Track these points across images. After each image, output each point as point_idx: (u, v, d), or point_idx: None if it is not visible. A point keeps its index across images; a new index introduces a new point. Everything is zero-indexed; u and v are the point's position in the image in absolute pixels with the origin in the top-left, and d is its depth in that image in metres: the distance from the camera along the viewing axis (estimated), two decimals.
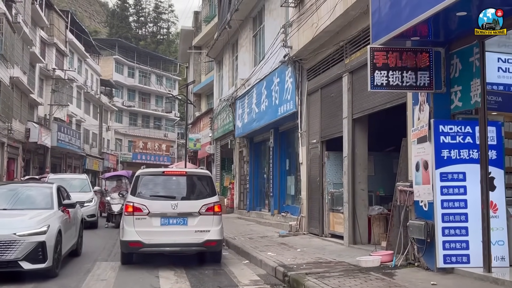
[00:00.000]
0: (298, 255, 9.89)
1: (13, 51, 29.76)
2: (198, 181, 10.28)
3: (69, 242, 9.73)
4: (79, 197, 16.42)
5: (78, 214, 11.07)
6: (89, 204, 16.85)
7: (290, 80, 14.42)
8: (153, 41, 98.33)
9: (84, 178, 19.08)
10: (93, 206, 17.23)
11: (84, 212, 16.27)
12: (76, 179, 19.25)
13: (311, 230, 13.23)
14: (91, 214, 16.78)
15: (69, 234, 9.70)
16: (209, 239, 9.47)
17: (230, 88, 23.17)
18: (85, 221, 16.52)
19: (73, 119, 49.89)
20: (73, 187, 17.72)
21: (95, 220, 17.21)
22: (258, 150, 20.72)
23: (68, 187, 17.51)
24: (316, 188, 12.96)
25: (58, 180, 18.20)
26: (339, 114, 11.64)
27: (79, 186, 18.15)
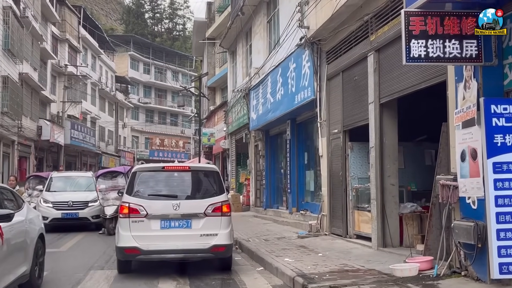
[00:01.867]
0: (319, 261, 8.57)
1: (22, 47, 28.88)
2: (204, 177, 8.98)
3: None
4: (83, 196, 15.98)
5: (30, 228, 7.22)
6: (94, 204, 15.56)
7: (307, 65, 13.07)
8: (169, 37, 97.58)
9: (89, 176, 17.66)
10: (98, 206, 15.59)
11: (88, 213, 15.29)
12: (81, 177, 17.97)
13: (334, 231, 11.90)
14: (96, 215, 15.55)
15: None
16: (217, 244, 8.21)
17: (244, 79, 21.89)
18: (90, 222, 15.46)
19: (88, 116, 49.12)
20: (77, 185, 16.98)
21: (100, 221, 15.74)
22: (274, 143, 19.40)
23: (73, 186, 16.39)
24: (338, 183, 11.61)
25: (61, 179, 17.22)
26: (364, 100, 10.27)
27: (84, 184, 16.94)
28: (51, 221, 14.79)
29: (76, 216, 15.26)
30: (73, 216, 15.17)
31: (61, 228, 15.19)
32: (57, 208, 15.26)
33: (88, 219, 15.53)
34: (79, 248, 11.62)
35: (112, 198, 14.56)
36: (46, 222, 14.88)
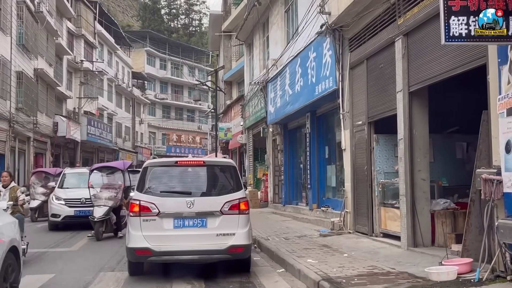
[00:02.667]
0: (345, 263, 7.92)
1: (36, 42, 28.57)
2: (220, 172, 8.36)
3: None
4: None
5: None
6: None
7: (328, 53, 12.37)
8: (185, 33, 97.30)
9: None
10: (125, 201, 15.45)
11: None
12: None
13: (358, 228, 11.21)
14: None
15: None
16: (235, 245, 7.60)
17: (261, 72, 21.23)
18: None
19: (105, 112, 48.90)
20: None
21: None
22: (293, 137, 18.73)
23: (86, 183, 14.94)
24: (363, 178, 10.92)
25: (74, 175, 16.72)
26: (390, 88, 9.56)
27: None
28: (63, 219, 14.33)
29: (89, 214, 14.33)
30: (86, 213, 14.22)
31: (73, 226, 14.73)
32: (70, 205, 14.69)
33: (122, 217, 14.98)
34: (91, 248, 11.13)
35: (104, 197, 12.82)
36: (59, 220, 14.55)
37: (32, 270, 8.62)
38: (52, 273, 8.20)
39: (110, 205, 12.63)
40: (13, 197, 9.39)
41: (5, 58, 23.93)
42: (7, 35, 24.37)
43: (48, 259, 9.80)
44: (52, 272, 8.28)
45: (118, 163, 14.92)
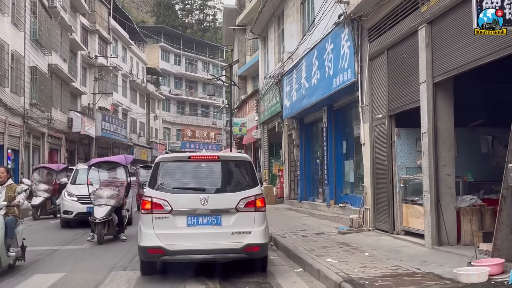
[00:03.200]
0: (367, 262, 7.53)
1: (50, 37, 28.46)
2: (235, 168, 8.01)
3: None
4: None
5: None
6: None
7: (346, 45, 11.95)
8: (200, 28, 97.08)
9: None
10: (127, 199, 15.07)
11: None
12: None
13: (378, 226, 10.80)
14: (125, 209, 14.65)
15: None
16: (251, 243, 7.25)
17: (276, 65, 20.83)
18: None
19: (119, 108, 48.84)
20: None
21: (128, 216, 14.92)
22: (309, 132, 18.32)
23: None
24: (383, 173, 10.51)
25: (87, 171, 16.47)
26: (413, 80, 9.13)
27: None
28: (75, 216, 13.95)
29: None
30: None
31: (86, 223, 14.45)
32: (82, 202, 13.99)
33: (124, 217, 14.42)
34: (103, 245, 10.86)
35: (105, 196, 11.49)
36: (71, 216, 14.09)
37: (42, 269, 8.39)
38: (62, 272, 7.95)
39: (112, 204, 11.39)
40: (9, 196, 8.16)
41: (18, 54, 23.82)
42: (20, 30, 24.26)
43: (59, 257, 9.57)
44: (62, 271, 8.03)
45: (119, 158, 13.39)
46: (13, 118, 23.09)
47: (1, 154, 22.01)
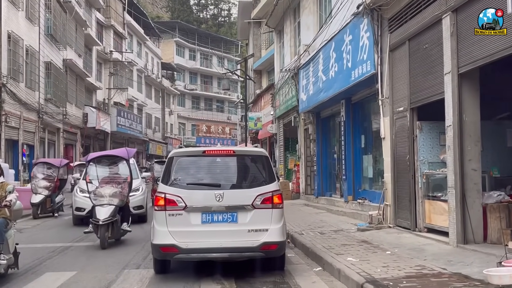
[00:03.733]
0: (389, 261, 7.20)
1: (65, 32, 28.43)
2: (251, 163, 7.70)
3: None
4: None
5: None
6: (135, 194, 13.60)
7: (366, 35, 11.56)
8: (214, 23, 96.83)
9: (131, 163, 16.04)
10: (140, 196, 14.17)
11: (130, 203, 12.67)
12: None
13: (399, 223, 10.44)
14: (138, 205, 13.88)
15: None
16: (268, 242, 6.96)
17: (292, 59, 20.48)
18: (131, 214, 12.58)
19: (134, 103, 48.87)
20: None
21: (143, 213, 14.21)
22: (326, 126, 17.96)
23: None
24: (404, 168, 10.13)
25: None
26: (436, 71, 8.74)
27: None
28: (88, 213, 12.92)
29: None
30: None
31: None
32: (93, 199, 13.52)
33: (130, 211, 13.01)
34: (116, 242, 10.63)
35: (108, 194, 10.30)
36: (83, 213, 13.37)
37: (53, 267, 8.18)
38: (73, 271, 7.73)
39: (116, 203, 10.16)
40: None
41: (33, 48, 23.78)
42: (35, 25, 24.21)
43: (71, 255, 9.36)
44: (74, 270, 7.81)
45: (121, 151, 12.05)
46: (28, 113, 23.07)
47: (16, 149, 22.00)
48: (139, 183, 14.63)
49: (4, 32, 20.37)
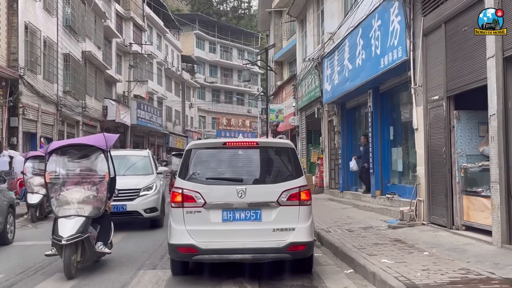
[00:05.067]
0: (429, 264, 6.52)
1: (84, 24, 28.08)
2: (276, 155, 7.05)
3: None
4: (133, 183, 11.67)
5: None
6: (147, 193, 11.65)
7: (396, 20, 10.82)
8: (234, 16, 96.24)
9: (145, 156, 13.49)
10: (153, 196, 11.77)
11: (140, 205, 11.44)
12: (134, 156, 13.54)
13: (434, 220, 9.73)
14: (151, 207, 11.60)
15: None
16: (295, 242, 6.34)
17: (315, 48, 19.77)
18: (142, 218, 11.54)
19: (154, 96, 48.56)
20: (129, 168, 12.64)
21: (157, 216, 11.83)
22: (352, 117, 17.24)
23: (122, 169, 11.90)
24: (440, 162, 9.41)
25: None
26: (478, 55, 7.99)
27: (139, 167, 12.84)
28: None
29: (123, 210, 11.20)
30: (118, 209, 10.95)
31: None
32: None
33: (140, 214, 11.43)
34: (133, 239, 10.13)
35: (76, 200, 7.25)
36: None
37: None
38: (85, 271, 7.21)
39: (87, 213, 7.16)
40: None
41: (51, 40, 23.45)
42: (53, 16, 23.87)
43: None
44: (85, 270, 7.28)
45: (96, 138, 8.12)
46: (46, 106, 22.77)
47: (34, 142, 21.73)
48: (153, 180, 12.24)
49: (21, 23, 20.04)
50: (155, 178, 12.43)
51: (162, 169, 13.96)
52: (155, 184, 12.07)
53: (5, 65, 18.95)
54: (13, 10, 19.78)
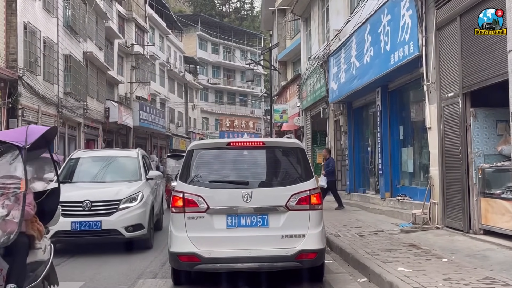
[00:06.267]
0: (450, 272, 6.05)
1: (85, 24, 27.64)
2: (284, 156, 6.57)
3: None
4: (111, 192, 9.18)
5: None
6: (130, 206, 8.98)
7: (407, 14, 10.35)
8: (237, 17, 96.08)
9: (133, 157, 10.82)
10: (138, 209, 9.07)
11: (119, 221, 8.79)
12: (118, 158, 11.08)
13: (449, 223, 9.25)
14: (133, 224, 8.91)
15: None
16: (305, 249, 5.88)
17: (320, 46, 19.31)
18: (122, 237, 8.85)
19: (157, 97, 48.13)
20: (112, 173, 10.40)
21: (142, 235, 9.09)
22: (359, 117, 16.76)
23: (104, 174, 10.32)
24: (455, 162, 8.93)
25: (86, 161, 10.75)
26: (497, 48, 7.50)
27: (124, 171, 10.41)
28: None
29: (96, 228, 8.65)
30: (91, 227, 8.60)
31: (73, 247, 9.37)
32: (65, 212, 8.22)
33: (119, 233, 8.77)
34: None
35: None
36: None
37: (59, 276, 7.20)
38: (81, 281, 6.77)
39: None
40: None
41: (51, 40, 23.01)
42: (53, 16, 23.43)
43: (81, 262, 8.34)
44: (82, 279, 6.85)
45: (13, 132, 5.70)
46: (46, 107, 22.33)
47: None
48: (139, 188, 9.51)
49: (20, 23, 19.61)
50: (143, 185, 9.78)
51: (154, 173, 11.02)
52: (141, 193, 9.34)
53: (4, 66, 18.52)
54: (12, 9, 19.33)
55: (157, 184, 11.25)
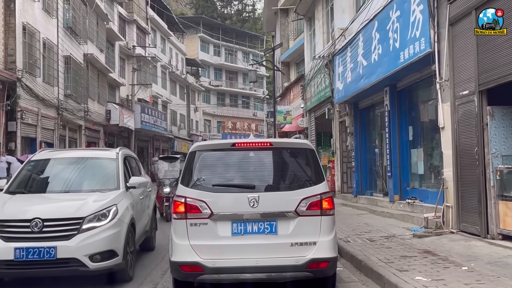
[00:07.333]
0: (472, 282, 5.61)
1: (85, 26, 27.33)
2: (293, 158, 6.12)
3: None
4: (72, 207, 6.73)
5: None
6: (97, 225, 6.57)
7: (418, 9, 9.93)
8: (239, 19, 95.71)
9: (110, 159, 8.25)
10: (109, 230, 6.63)
11: (81, 247, 6.34)
12: (90, 160, 8.40)
13: (464, 228, 8.80)
14: (102, 251, 6.49)
15: None
16: (317, 258, 5.44)
17: (324, 46, 18.91)
18: (85, 270, 6.38)
19: (159, 100, 47.80)
20: (75, 179, 7.88)
21: (115, 266, 6.65)
22: (365, 118, 16.33)
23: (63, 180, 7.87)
24: (471, 163, 8.50)
25: (48, 165, 8.27)
26: None
27: (93, 178, 8.04)
28: None
29: (49, 257, 6.25)
30: (41, 256, 6.23)
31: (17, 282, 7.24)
32: (7, 235, 6.38)
33: (81, 263, 6.35)
34: None
35: None
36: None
37: (53, 284, 6.80)
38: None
39: None
40: None
41: (51, 42, 22.67)
42: (53, 18, 23.10)
43: None
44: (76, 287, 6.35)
45: None
46: (46, 109, 21.97)
47: (34, 147, 20.91)
48: (112, 201, 7.04)
49: (19, 24, 19.28)
50: (120, 196, 7.33)
51: (137, 180, 8.14)
52: (114, 208, 6.87)
53: (2, 67, 18.18)
54: (10, 10, 19.02)
55: (144, 194, 8.82)
